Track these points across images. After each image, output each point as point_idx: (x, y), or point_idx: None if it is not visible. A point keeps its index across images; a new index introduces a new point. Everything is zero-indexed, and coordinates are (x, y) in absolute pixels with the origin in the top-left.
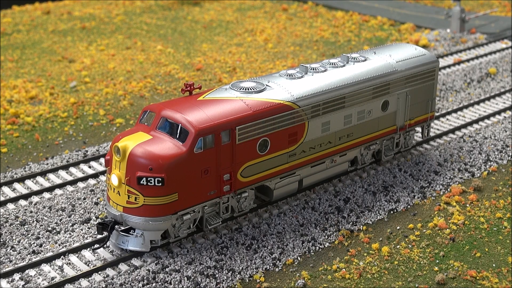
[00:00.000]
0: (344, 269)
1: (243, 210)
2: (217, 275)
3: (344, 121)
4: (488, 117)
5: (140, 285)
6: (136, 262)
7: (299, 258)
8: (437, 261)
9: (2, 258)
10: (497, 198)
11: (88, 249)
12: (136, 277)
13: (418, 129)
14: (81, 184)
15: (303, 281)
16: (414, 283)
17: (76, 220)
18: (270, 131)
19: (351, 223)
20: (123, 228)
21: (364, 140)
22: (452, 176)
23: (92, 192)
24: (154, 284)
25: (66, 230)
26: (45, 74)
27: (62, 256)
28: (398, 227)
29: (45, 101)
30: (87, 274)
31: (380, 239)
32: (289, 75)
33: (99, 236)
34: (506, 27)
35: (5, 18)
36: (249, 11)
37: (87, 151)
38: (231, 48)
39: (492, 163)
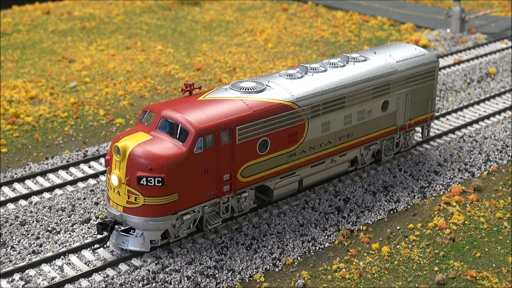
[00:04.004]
0: (344, 269)
1: (243, 210)
2: (217, 275)
3: (344, 121)
4: (488, 117)
5: (140, 285)
6: (136, 262)
7: (299, 258)
8: (437, 261)
9: (2, 258)
10: (497, 198)
11: (88, 249)
12: (136, 277)
13: (418, 129)
14: (81, 184)
15: (303, 281)
16: (414, 283)
17: (76, 220)
18: (270, 131)
19: (351, 223)
20: (123, 228)
21: (364, 140)
22: (452, 176)
23: (92, 192)
24: (154, 284)
25: (66, 230)
26: (45, 74)
27: (62, 256)
28: (398, 227)
29: (45, 101)
30: (87, 274)
31: (380, 239)
32: (289, 75)
33: (99, 236)
34: (506, 27)
35: (5, 18)
36: (249, 11)
37: (87, 151)
38: (231, 48)
39: (492, 163)
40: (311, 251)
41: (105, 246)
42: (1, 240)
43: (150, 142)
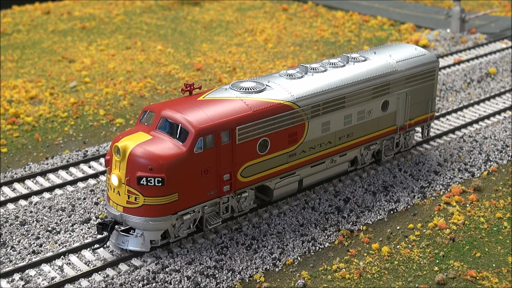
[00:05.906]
0: (344, 269)
1: (243, 210)
2: (217, 275)
3: (344, 121)
4: (488, 117)
5: (140, 285)
6: (136, 262)
7: (299, 258)
8: (437, 261)
9: (2, 258)
10: (497, 198)
11: (88, 249)
12: (136, 277)
13: (418, 129)
14: (81, 184)
15: (303, 281)
16: (414, 283)
17: (76, 220)
18: (270, 131)
19: (351, 223)
20: (123, 228)
21: (364, 140)
22: (452, 176)
23: (92, 192)
24: (154, 284)
25: (66, 230)
26: (45, 74)
27: (62, 256)
28: (398, 227)
29: (45, 101)
30: (87, 274)
31: (380, 239)
32: (289, 75)
33: (99, 236)
34: (506, 27)
35: (5, 18)
36: (249, 11)
37: (87, 151)
38: (231, 48)
39: (492, 163)
40: (311, 251)
41: (105, 246)
42: (1, 240)
43: (150, 142)
